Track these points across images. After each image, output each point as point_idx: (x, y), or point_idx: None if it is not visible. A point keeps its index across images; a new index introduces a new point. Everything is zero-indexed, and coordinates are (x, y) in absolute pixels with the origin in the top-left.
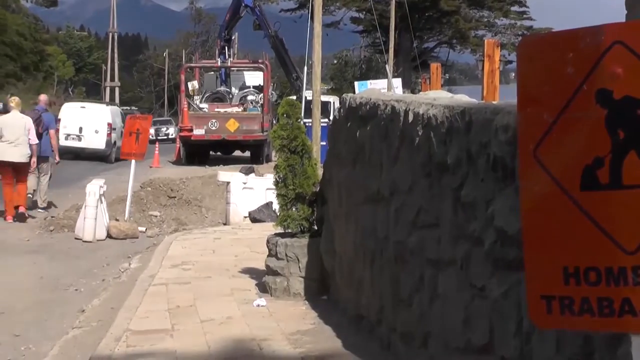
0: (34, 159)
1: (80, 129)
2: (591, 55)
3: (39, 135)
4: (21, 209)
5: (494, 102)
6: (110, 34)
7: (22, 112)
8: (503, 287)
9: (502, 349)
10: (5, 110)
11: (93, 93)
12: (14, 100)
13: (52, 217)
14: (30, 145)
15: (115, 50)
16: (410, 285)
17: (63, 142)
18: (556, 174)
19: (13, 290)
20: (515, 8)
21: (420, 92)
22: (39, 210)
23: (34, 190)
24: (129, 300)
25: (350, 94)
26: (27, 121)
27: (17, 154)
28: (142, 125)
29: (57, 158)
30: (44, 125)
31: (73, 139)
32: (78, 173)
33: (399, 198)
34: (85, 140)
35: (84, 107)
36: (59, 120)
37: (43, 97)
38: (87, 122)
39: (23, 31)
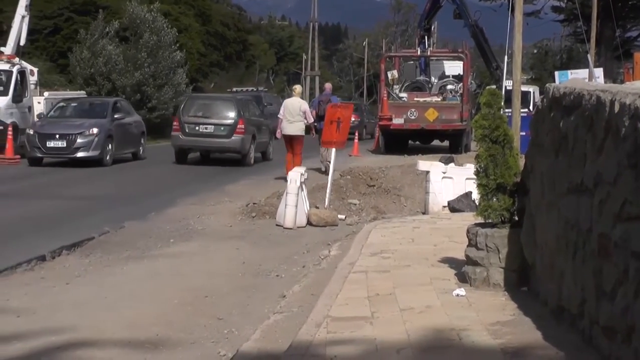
0: (313, 132)
1: None
2: None
3: None
4: None
5: None
6: (311, 24)
7: (325, 94)
8: None
9: None
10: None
11: (294, 82)
12: (295, 89)
13: (254, 203)
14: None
15: (316, 40)
16: (613, 279)
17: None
18: None
19: (217, 274)
20: None
21: (626, 82)
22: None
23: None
24: (329, 287)
25: (553, 84)
26: (302, 104)
27: (294, 128)
28: (343, 114)
29: None
30: None
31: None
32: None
33: (603, 189)
34: None
35: None
36: None
37: (328, 85)
38: None
39: (227, 21)
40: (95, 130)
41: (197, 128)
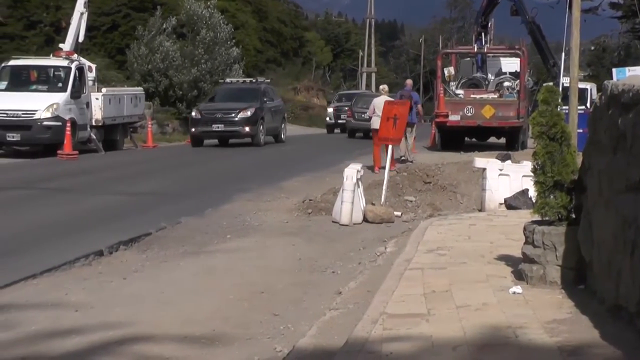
0: None
1: None
2: None
3: (410, 108)
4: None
5: None
6: (368, 20)
7: (406, 89)
8: None
9: None
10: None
11: (350, 79)
12: (384, 89)
13: (310, 200)
14: None
15: (372, 36)
16: None
17: None
18: None
19: (273, 270)
20: None
21: None
22: (407, 160)
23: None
24: (385, 283)
25: (611, 81)
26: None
27: None
28: (399, 111)
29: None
30: (413, 101)
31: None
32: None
33: None
34: None
35: None
36: None
37: (409, 82)
38: None
39: (283, 18)
40: None
41: (362, 115)
